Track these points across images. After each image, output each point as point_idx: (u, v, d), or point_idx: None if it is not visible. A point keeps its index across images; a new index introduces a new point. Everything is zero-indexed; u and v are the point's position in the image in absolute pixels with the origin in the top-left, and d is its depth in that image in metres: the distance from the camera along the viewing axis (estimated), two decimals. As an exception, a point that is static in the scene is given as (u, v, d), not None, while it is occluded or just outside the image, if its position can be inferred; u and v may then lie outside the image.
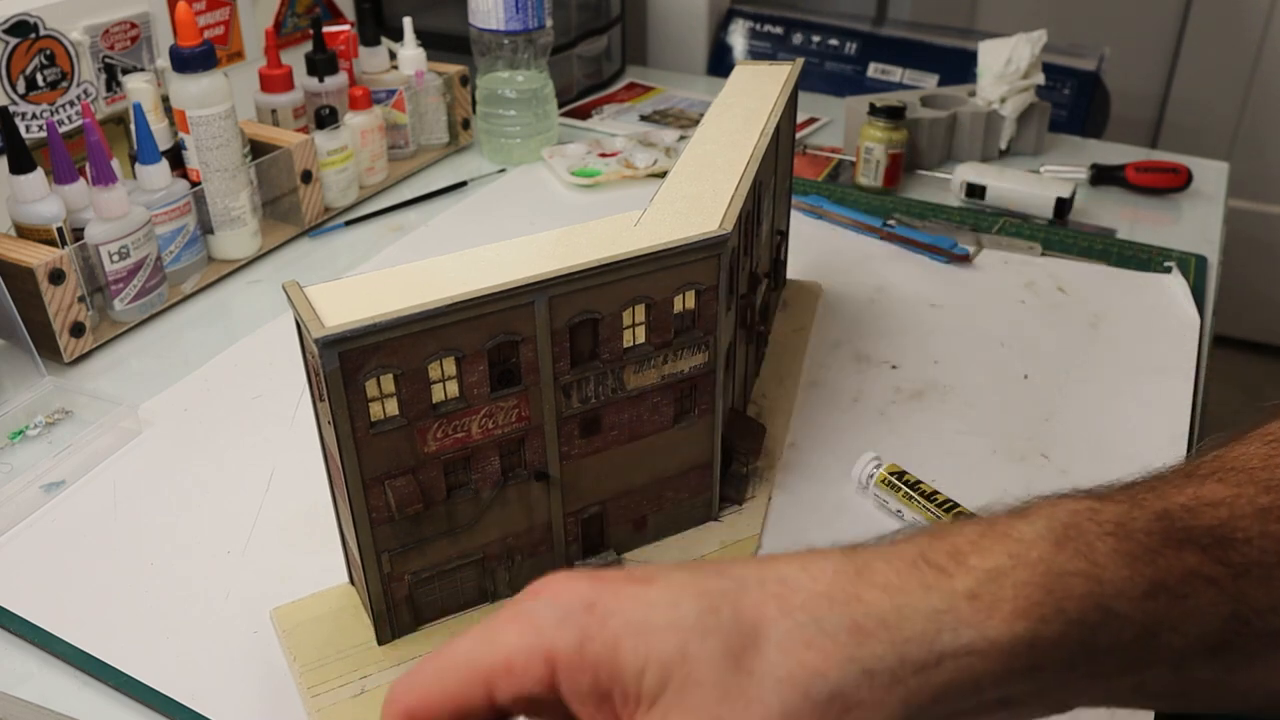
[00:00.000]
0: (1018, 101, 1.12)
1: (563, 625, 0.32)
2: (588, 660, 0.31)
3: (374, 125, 1.03)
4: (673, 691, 0.30)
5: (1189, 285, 0.89)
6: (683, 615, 0.31)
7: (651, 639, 0.31)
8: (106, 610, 0.58)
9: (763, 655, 0.31)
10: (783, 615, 0.31)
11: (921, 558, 0.33)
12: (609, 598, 0.32)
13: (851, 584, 0.32)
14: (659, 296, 0.53)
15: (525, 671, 0.32)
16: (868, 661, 0.31)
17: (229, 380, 0.78)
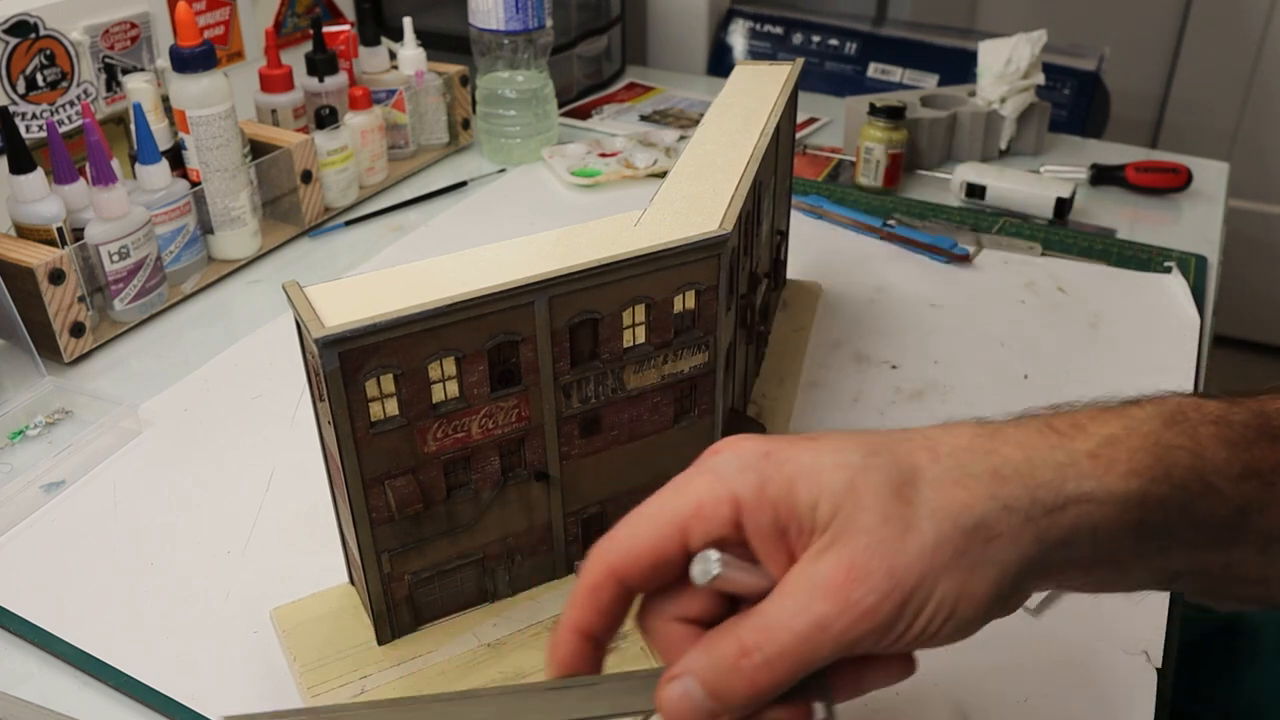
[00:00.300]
0: (1018, 101, 1.12)
1: (744, 472, 0.37)
2: (767, 500, 0.36)
3: (374, 125, 1.03)
4: (842, 517, 0.35)
5: (1189, 285, 0.89)
6: (849, 457, 0.36)
7: (822, 477, 0.36)
8: (106, 610, 0.58)
9: (919, 491, 0.36)
10: (933, 462, 0.37)
11: (1047, 425, 0.38)
12: (783, 447, 0.37)
13: (988, 441, 0.37)
14: (659, 296, 0.53)
15: (714, 515, 0.37)
16: (1007, 500, 0.35)
17: (229, 380, 0.78)
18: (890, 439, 0.38)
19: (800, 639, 0.35)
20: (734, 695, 0.36)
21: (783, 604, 0.36)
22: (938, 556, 0.35)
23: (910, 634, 0.36)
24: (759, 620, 0.36)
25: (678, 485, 0.38)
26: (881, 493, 0.36)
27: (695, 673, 0.37)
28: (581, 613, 0.38)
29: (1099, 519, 0.36)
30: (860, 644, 0.35)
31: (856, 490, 0.36)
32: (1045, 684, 0.52)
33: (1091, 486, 0.36)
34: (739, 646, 0.36)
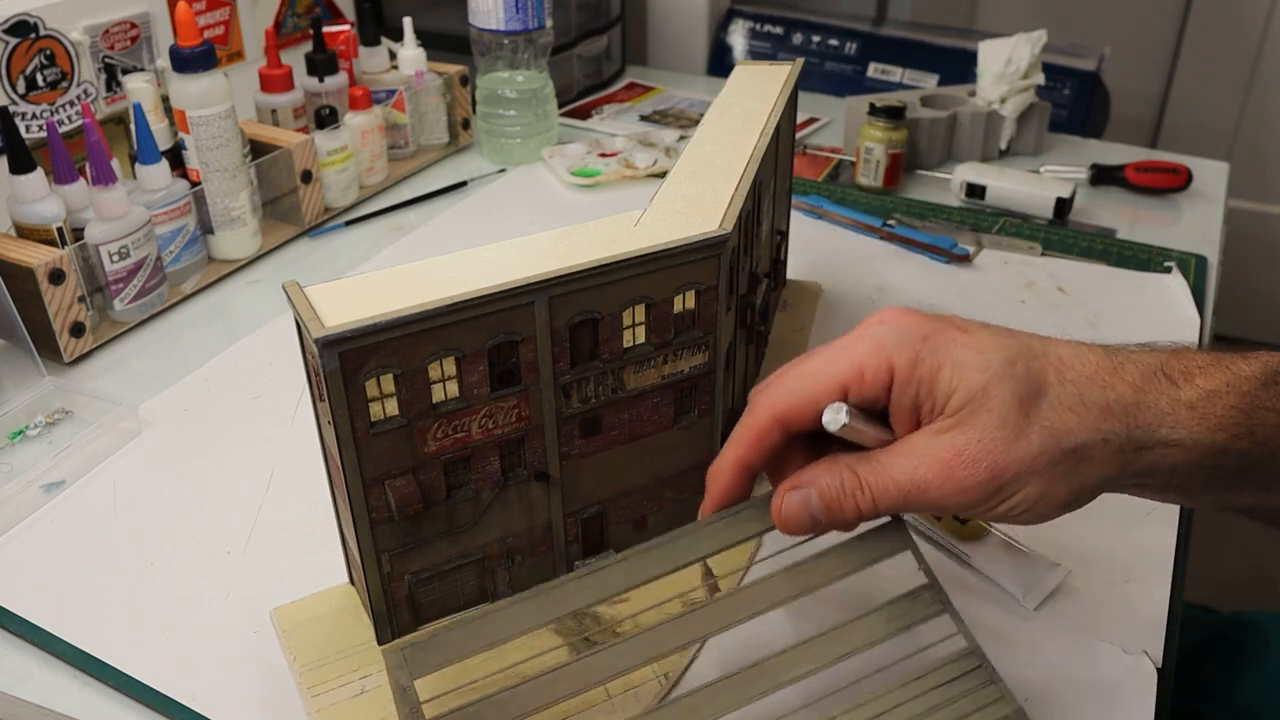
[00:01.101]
0: (1018, 101, 1.12)
1: (903, 349, 0.43)
2: (915, 377, 0.43)
3: (374, 125, 1.03)
4: (968, 411, 0.42)
5: (1189, 285, 0.89)
6: (991, 361, 0.42)
7: (965, 373, 0.42)
8: (106, 610, 0.58)
9: (1039, 406, 0.42)
10: (1059, 383, 0.42)
11: (1161, 369, 0.43)
12: (938, 335, 0.43)
13: (1109, 375, 0.43)
14: (659, 296, 0.53)
15: (873, 380, 0.43)
16: (1107, 433, 0.42)
17: (229, 380, 0.78)
18: (1029, 351, 0.43)
19: (903, 492, 0.43)
20: (840, 516, 0.44)
21: (900, 460, 0.43)
22: (1036, 463, 0.41)
23: (991, 513, 0.43)
24: (877, 465, 0.43)
25: (844, 346, 0.44)
26: (1008, 401, 0.41)
27: (818, 488, 0.44)
28: (747, 451, 0.45)
29: (1178, 461, 0.42)
30: (948, 510, 0.43)
31: (988, 393, 0.41)
32: (1045, 684, 0.52)
33: (1181, 435, 0.42)
34: (856, 480, 0.43)
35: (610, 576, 0.46)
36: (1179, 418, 0.42)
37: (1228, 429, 0.42)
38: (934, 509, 0.43)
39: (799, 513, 0.44)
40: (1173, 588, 0.59)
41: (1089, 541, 0.62)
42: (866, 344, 0.43)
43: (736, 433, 0.46)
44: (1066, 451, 0.41)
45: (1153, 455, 0.42)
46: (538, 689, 0.44)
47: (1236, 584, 1.60)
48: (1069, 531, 0.62)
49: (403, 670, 0.43)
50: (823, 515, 0.44)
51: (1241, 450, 0.42)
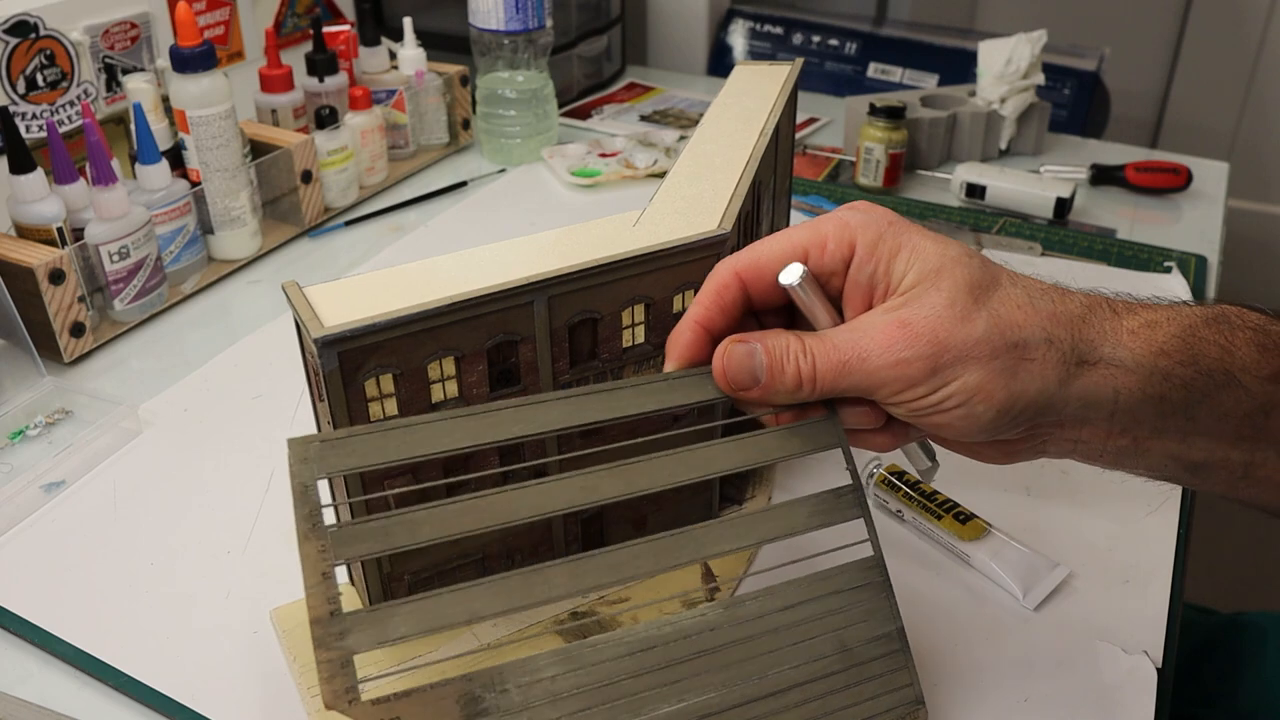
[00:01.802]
0: (1018, 101, 1.12)
1: (867, 227, 0.44)
2: (875, 254, 0.44)
3: (374, 125, 1.03)
4: (920, 289, 0.42)
5: (1189, 285, 0.89)
6: (949, 250, 0.43)
7: (923, 255, 0.43)
8: (106, 610, 0.58)
9: (990, 297, 0.42)
10: (1011, 284, 0.43)
11: (1106, 301, 0.44)
12: (903, 224, 0.44)
13: (1059, 293, 0.44)
14: (658, 296, 0.53)
15: (834, 252, 0.44)
16: (1052, 336, 0.42)
17: (229, 380, 0.78)
18: (987, 259, 0.44)
19: (843, 360, 0.43)
20: (780, 379, 0.44)
21: (845, 332, 0.43)
22: (976, 349, 0.41)
23: (925, 401, 0.42)
24: (823, 335, 0.44)
25: (813, 223, 0.45)
26: (959, 285, 0.42)
27: (764, 344, 0.45)
28: (706, 310, 0.46)
29: (1121, 383, 0.42)
30: (883, 387, 0.43)
31: (941, 275, 0.42)
32: (1045, 684, 0.52)
33: (1123, 355, 0.42)
34: (801, 345, 0.44)
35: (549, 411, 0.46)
36: (1120, 339, 0.42)
37: (1170, 354, 0.42)
38: (872, 386, 0.43)
39: (742, 364, 0.45)
40: (1173, 588, 0.59)
41: (1089, 541, 0.62)
42: (833, 221, 0.45)
43: (697, 296, 0.47)
44: (1010, 344, 0.41)
45: (1095, 374, 0.42)
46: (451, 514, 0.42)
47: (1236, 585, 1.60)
48: (1069, 531, 0.62)
49: (307, 467, 0.40)
50: (763, 374, 0.44)
51: (1185, 379, 0.42)
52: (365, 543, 0.40)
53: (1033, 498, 0.65)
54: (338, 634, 0.38)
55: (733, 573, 0.58)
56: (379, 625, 0.39)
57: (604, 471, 0.46)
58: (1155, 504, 0.64)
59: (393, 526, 0.41)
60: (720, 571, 0.58)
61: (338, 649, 0.38)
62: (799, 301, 0.45)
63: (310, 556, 0.39)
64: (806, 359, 0.44)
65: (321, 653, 0.38)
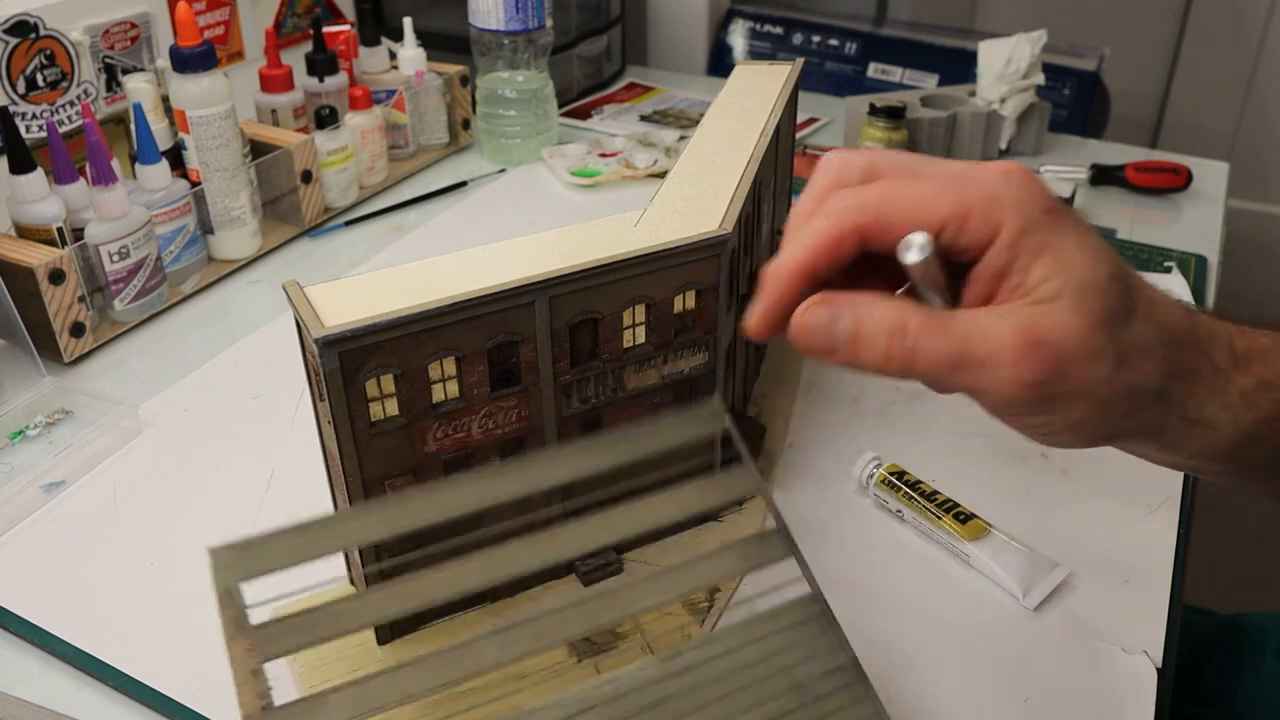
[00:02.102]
0: (1018, 101, 1.12)
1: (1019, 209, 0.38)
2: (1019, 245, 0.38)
3: (374, 125, 1.03)
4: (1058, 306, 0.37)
5: (1189, 285, 0.89)
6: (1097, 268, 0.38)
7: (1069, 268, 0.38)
8: (106, 610, 0.58)
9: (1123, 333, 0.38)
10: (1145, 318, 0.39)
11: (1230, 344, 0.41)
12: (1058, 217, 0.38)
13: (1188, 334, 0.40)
14: (659, 296, 0.53)
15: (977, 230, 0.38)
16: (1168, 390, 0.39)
17: (229, 380, 0.78)
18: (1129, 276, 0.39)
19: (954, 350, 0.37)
20: (867, 355, 0.38)
21: (960, 322, 0.38)
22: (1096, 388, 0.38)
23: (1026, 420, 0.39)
24: (932, 317, 0.38)
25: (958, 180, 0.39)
26: (1098, 314, 0.37)
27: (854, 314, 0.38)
28: (814, 258, 0.39)
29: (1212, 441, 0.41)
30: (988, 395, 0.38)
31: (1085, 297, 0.37)
32: (1045, 684, 0.52)
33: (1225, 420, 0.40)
34: (902, 323, 0.38)
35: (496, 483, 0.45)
36: (1228, 400, 0.40)
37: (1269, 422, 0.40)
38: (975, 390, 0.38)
39: (819, 331, 0.39)
40: (1173, 588, 0.59)
41: (1089, 541, 0.62)
42: (983, 190, 0.38)
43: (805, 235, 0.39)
44: (1128, 389, 0.38)
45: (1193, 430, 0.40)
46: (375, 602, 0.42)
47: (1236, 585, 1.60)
48: (1069, 531, 0.62)
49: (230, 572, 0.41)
50: (846, 342, 0.38)
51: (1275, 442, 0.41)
52: (292, 637, 0.41)
53: (1033, 498, 0.65)
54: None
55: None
56: (311, 714, 0.40)
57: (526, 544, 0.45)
58: (1155, 504, 0.64)
59: (318, 620, 0.42)
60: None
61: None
62: (912, 275, 0.39)
63: (238, 656, 0.40)
64: (907, 340, 0.38)
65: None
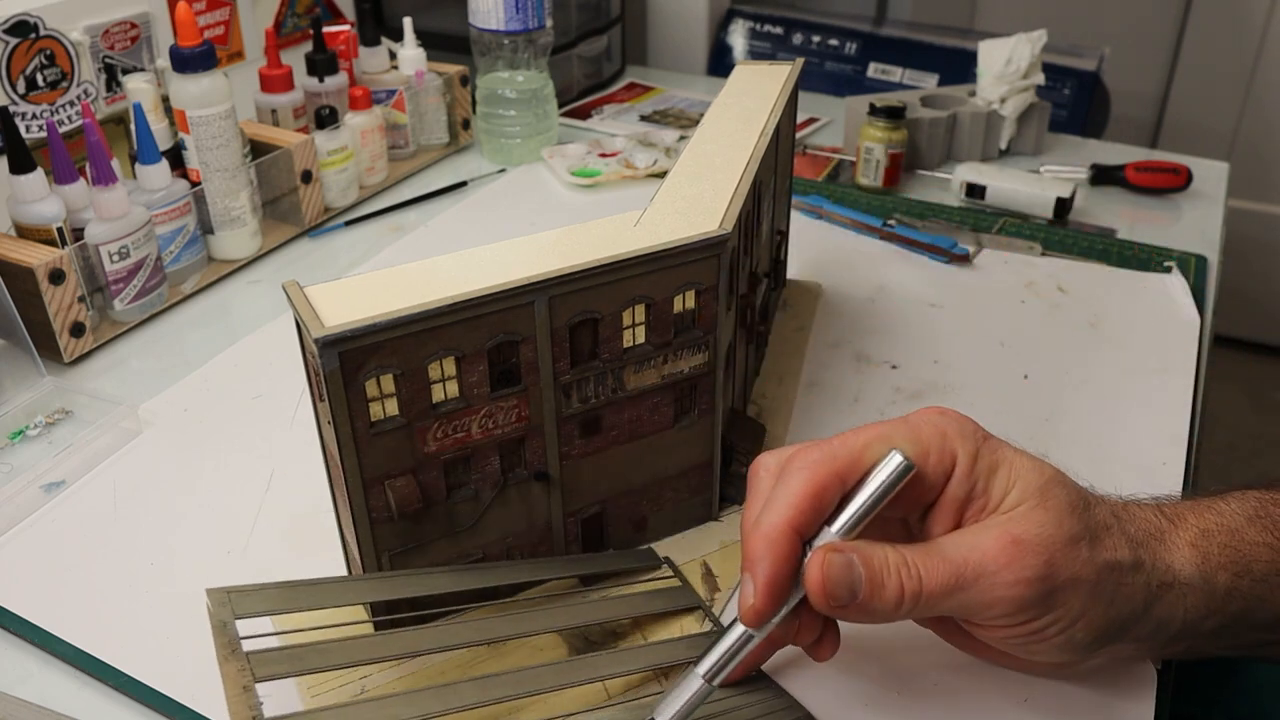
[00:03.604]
0: (1018, 101, 1.12)
1: (966, 440, 0.42)
2: (975, 469, 0.42)
3: (374, 125, 1.03)
4: (1026, 508, 0.41)
5: (1189, 285, 0.89)
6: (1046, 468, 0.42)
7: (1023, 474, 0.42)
8: (106, 610, 0.58)
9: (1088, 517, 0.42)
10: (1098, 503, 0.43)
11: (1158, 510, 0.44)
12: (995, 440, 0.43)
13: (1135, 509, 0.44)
14: (659, 296, 0.53)
15: (938, 464, 0.42)
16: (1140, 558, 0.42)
17: (229, 380, 0.78)
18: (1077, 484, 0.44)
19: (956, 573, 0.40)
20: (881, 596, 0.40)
21: (954, 541, 0.41)
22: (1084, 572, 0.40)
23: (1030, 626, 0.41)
24: (925, 548, 0.41)
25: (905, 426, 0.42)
26: (1064, 504, 0.41)
27: (861, 556, 0.41)
28: (801, 514, 0.41)
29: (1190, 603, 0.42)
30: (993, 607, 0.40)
31: (1046, 494, 0.41)
32: (1045, 684, 0.52)
33: (1191, 573, 0.42)
34: (901, 558, 0.41)
35: None
36: (1185, 555, 0.42)
37: (1227, 568, 0.42)
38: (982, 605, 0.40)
39: (842, 577, 0.40)
40: (1173, 588, 0.59)
41: (1089, 541, 0.61)
42: (931, 428, 0.42)
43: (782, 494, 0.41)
44: (1110, 566, 0.41)
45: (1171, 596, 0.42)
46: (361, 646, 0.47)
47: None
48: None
49: (225, 608, 0.46)
50: (864, 588, 0.40)
51: (1242, 591, 0.43)
52: (281, 665, 0.45)
53: (1033, 498, 0.65)
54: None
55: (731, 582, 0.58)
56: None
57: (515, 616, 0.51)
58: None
59: (306, 653, 0.46)
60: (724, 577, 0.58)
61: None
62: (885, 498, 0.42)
63: (231, 675, 0.43)
64: (911, 573, 0.40)
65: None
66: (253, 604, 0.47)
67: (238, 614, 0.46)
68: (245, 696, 0.42)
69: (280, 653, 0.45)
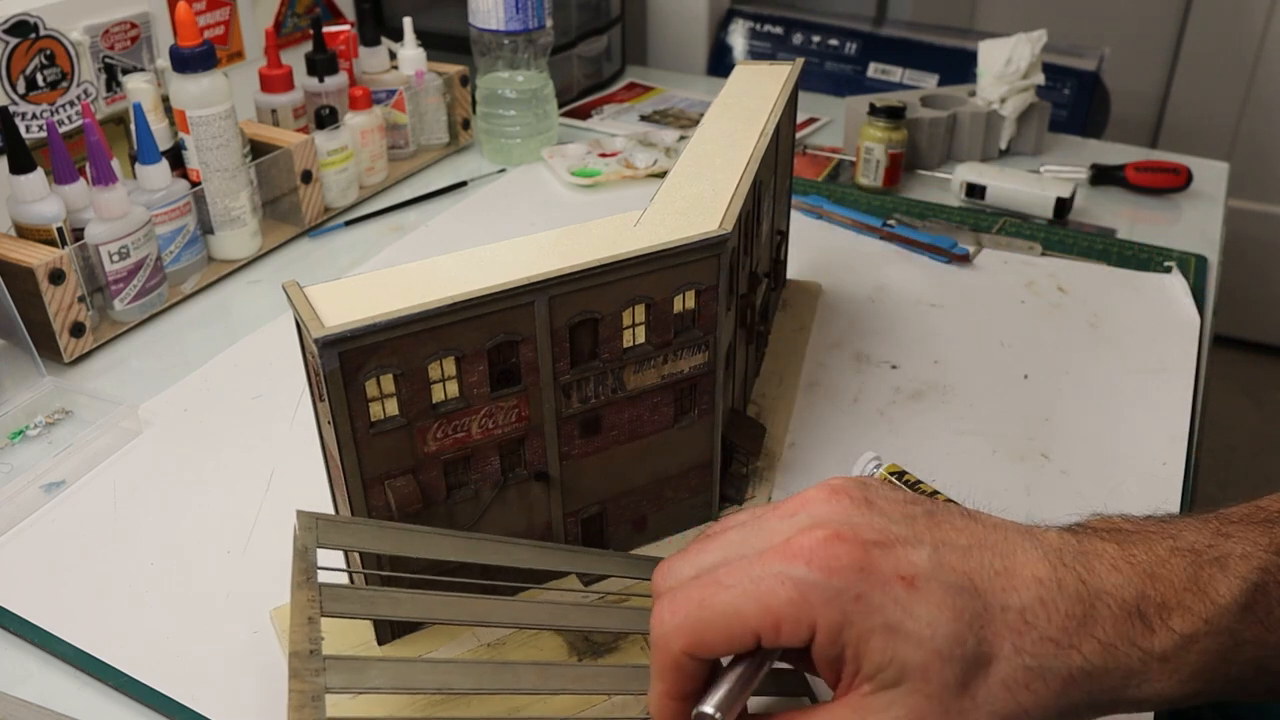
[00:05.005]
0: (1018, 101, 1.12)
1: (830, 604, 0.36)
2: (842, 639, 0.36)
3: (374, 125, 1.03)
4: (904, 691, 0.36)
5: (1189, 285, 0.89)
6: (936, 635, 0.36)
7: (901, 646, 0.36)
8: (106, 610, 0.58)
9: (987, 687, 0.36)
10: (1015, 654, 0.37)
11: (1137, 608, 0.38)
12: (875, 592, 0.36)
13: (1076, 632, 0.37)
14: (659, 296, 0.53)
15: (791, 634, 0.37)
16: (1064, 707, 0.37)
17: (229, 380, 0.78)
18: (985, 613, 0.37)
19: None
20: None
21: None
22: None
23: None
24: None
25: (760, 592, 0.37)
26: (949, 685, 0.36)
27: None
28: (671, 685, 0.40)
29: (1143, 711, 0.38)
30: None
31: (927, 676, 0.36)
32: (1045, 684, 0.52)
33: (1149, 693, 0.38)
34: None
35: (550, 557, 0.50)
36: (1149, 673, 0.37)
37: (1200, 677, 0.38)
38: None
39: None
40: (1173, 588, 0.59)
41: (1089, 541, 0.61)
42: (788, 592, 0.37)
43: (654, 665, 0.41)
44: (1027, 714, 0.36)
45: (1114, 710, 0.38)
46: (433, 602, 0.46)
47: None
48: (1069, 531, 0.62)
49: (310, 534, 0.45)
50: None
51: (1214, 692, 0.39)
52: (351, 604, 0.45)
53: (1032, 498, 0.65)
54: (314, 670, 0.41)
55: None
56: (355, 672, 0.42)
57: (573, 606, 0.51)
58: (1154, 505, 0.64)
59: (379, 598, 0.46)
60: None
61: (312, 683, 0.40)
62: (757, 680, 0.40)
63: (300, 603, 0.43)
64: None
65: (295, 683, 0.40)
66: (338, 536, 0.46)
67: (321, 543, 0.45)
68: (309, 628, 0.42)
69: (353, 591, 0.45)
